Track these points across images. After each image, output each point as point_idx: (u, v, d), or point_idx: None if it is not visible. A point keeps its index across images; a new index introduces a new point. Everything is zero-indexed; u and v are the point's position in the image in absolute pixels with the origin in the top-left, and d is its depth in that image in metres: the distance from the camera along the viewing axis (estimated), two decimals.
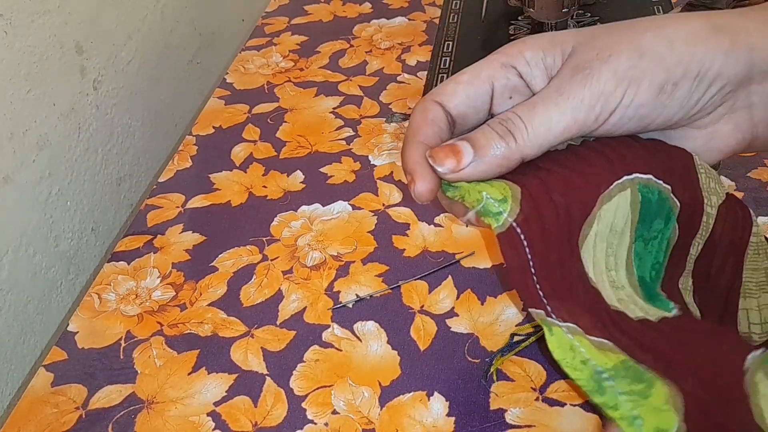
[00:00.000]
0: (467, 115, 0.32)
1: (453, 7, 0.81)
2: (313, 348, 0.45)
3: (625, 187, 0.30)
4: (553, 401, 0.40)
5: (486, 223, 0.28)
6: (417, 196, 0.30)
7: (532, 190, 0.29)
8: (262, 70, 0.73)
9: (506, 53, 0.32)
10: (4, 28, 0.53)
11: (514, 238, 0.28)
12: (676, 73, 0.29)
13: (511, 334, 0.44)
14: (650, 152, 0.31)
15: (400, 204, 0.55)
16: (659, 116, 0.30)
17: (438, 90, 0.32)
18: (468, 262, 0.50)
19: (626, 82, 0.29)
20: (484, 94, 0.32)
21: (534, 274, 0.27)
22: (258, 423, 0.41)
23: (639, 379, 0.26)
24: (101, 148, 0.66)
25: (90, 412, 0.43)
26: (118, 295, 0.50)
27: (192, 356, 0.45)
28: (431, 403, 0.41)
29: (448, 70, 0.69)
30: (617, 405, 0.26)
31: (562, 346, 0.26)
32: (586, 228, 0.29)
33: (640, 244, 0.31)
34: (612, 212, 0.30)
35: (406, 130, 0.32)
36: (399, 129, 0.63)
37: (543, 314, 0.27)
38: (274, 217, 0.55)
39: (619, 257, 0.31)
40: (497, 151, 0.29)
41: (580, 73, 0.29)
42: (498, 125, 0.30)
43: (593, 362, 0.26)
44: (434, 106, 0.31)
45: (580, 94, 0.29)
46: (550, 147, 0.30)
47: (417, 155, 0.30)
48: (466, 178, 0.29)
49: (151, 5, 0.73)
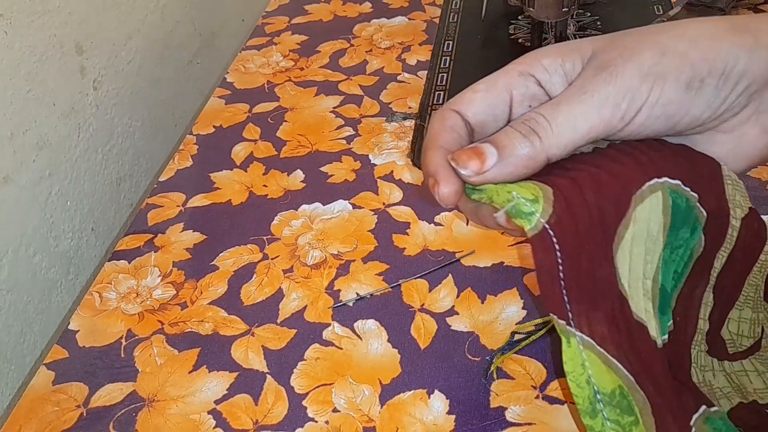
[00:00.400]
0: (486, 123, 0.31)
1: (453, 6, 0.81)
2: (313, 346, 0.45)
3: (657, 189, 0.29)
4: (553, 399, 0.40)
5: (518, 224, 0.27)
6: (442, 199, 0.29)
7: (563, 190, 0.28)
8: (263, 69, 0.74)
9: (523, 62, 0.31)
10: (4, 28, 0.54)
11: (546, 240, 0.27)
12: (702, 69, 0.28)
13: (512, 332, 0.44)
14: (679, 158, 0.31)
15: (401, 203, 0.55)
16: (686, 115, 0.29)
17: (455, 99, 0.31)
18: (468, 260, 0.50)
19: (651, 78, 0.28)
20: (502, 102, 0.31)
21: (562, 279, 0.27)
22: (259, 421, 0.41)
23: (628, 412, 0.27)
24: (101, 148, 0.66)
25: (91, 410, 0.43)
26: (119, 294, 0.50)
27: (193, 354, 0.46)
28: (432, 401, 0.41)
29: (448, 69, 0.69)
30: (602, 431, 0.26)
31: (574, 360, 0.26)
32: (622, 230, 0.28)
33: (668, 251, 0.31)
34: (646, 214, 0.29)
35: (426, 138, 0.31)
36: (399, 128, 0.63)
37: (564, 324, 0.26)
38: (275, 216, 0.55)
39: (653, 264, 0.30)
40: (521, 150, 0.28)
41: (603, 71, 0.28)
42: (521, 125, 0.29)
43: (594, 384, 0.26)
44: (452, 114, 0.31)
45: (605, 92, 0.28)
46: (576, 148, 0.29)
47: (439, 158, 0.30)
48: (491, 181, 0.29)
49: (151, 5, 0.73)
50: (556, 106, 0.29)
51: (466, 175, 0.29)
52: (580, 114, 0.28)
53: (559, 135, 0.28)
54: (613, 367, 0.27)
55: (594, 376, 0.26)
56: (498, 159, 0.28)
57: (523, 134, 0.29)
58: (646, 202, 0.29)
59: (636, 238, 0.29)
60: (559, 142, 0.28)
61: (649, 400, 0.27)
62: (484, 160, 0.28)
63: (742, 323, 0.35)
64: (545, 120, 0.28)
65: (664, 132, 0.30)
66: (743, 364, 0.34)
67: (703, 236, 0.31)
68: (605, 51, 0.29)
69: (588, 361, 0.26)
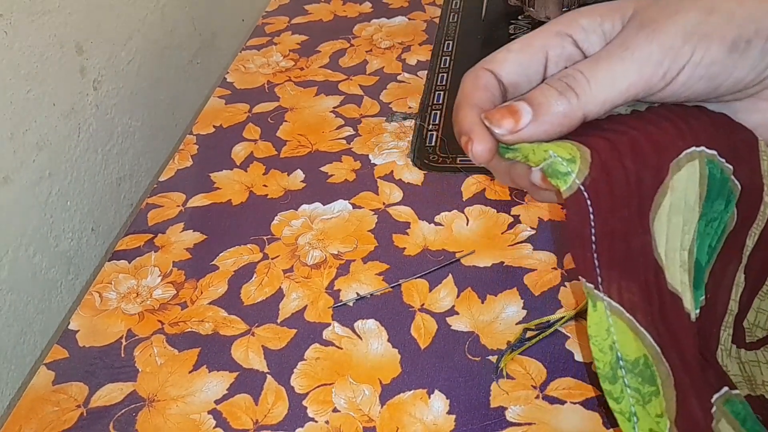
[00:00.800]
0: (519, 84, 0.30)
1: (453, 6, 0.81)
2: (313, 346, 0.45)
3: (694, 158, 0.28)
4: (553, 399, 0.40)
5: (553, 184, 0.27)
6: (475, 157, 0.29)
7: (601, 152, 0.27)
8: (263, 69, 0.74)
9: (560, 22, 0.30)
10: (4, 28, 0.54)
11: (581, 201, 0.26)
12: (749, 29, 0.27)
13: (524, 328, 0.44)
14: (717, 128, 0.30)
15: (401, 203, 0.55)
16: (729, 77, 0.28)
17: (489, 58, 0.30)
18: (468, 260, 0.50)
19: (695, 37, 0.27)
20: (537, 63, 0.30)
21: (594, 242, 0.26)
22: (259, 421, 0.41)
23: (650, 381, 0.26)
24: (101, 148, 0.66)
25: (91, 410, 0.43)
26: (119, 294, 0.50)
27: (193, 354, 0.45)
28: (432, 400, 0.41)
29: (448, 69, 0.69)
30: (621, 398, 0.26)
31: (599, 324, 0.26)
32: (659, 197, 0.28)
33: (702, 223, 0.30)
34: (683, 183, 0.28)
35: (457, 96, 0.30)
36: (399, 128, 0.63)
37: (592, 288, 0.26)
38: (275, 215, 0.55)
39: (690, 235, 0.29)
40: (557, 108, 0.27)
41: (646, 28, 0.27)
42: (557, 82, 0.28)
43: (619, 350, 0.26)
44: (485, 74, 0.30)
45: (647, 49, 0.27)
46: (613, 106, 0.28)
47: (473, 116, 0.29)
48: (526, 140, 0.28)
49: (151, 5, 0.73)
50: (596, 63, 0.28)
51: (500, 134, 0.28)
52: (620, 71, 0.27)
53: (598, 92, 0.27)
54: (640, 336, 0.26)
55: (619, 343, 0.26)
56: (533, 117, 0.27)
57: (559, 91, 0.28)
58: (683, 171, 0.28)
59: (674, 207, 0.28)
60: (596, 99, 0.27)
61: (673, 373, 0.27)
62: (518, 119, 0.28)
63: (760, 314, 0.34)
64: (583, 76, 0.28)
65: (705, 95, 0.29)
66: (757, 355, 0.34)
67: (736, 210, 0.31)
68: (649, 9, 0.28)
69: (614, 326, 0.26)
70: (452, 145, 0.60)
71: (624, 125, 0.28)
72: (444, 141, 0.60)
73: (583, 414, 0.40)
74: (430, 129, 0.62)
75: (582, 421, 0.39)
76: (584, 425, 0.39)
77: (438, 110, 0.64)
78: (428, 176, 0.57)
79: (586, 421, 0.39)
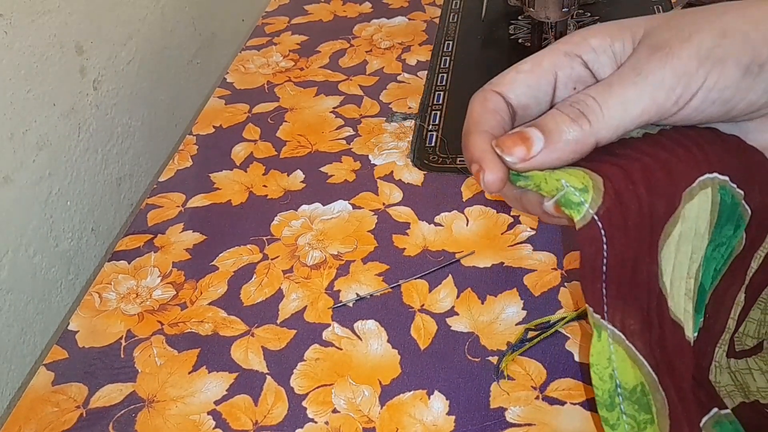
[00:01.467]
0: (528, 106, 0.30)
1: (453, 6, 0.81)
2: (313, 347, 0.45)
3: (707, 186, 0.28)
4: (553, 400, 0.40)
5: (567, 214, 0.26)
6: (487, 186, 0.28)
7: (614, 181, 0.27)
8: (263, 69, 0.74)
9: (570, 41, 0.30)
10: (4, 28, 0.54)
11: (595, 232, 0.26)
12: (763, 53, 0.26)
13: (526, 329, 0.44)
14: (729, 151, 0.29)
15: (401, 203, 0.55)
16: (742, 100, 0.27)
17: (497, 80, 0.30)
18: (468, 261, 0.50)
19: (709, 62, 0.26)
20: (546, 84, 0.29)
21: (604, 273, 0.26)
22: (258, 422, 0.41)
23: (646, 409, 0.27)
24: (101, 148, 0.66)
25: (90, 410, 0.43)
26: (119, 294, 0.50)
27: (192, 355, 0.45)
28: (431, 401, 0.41)
29: (448, 69, 0.69)
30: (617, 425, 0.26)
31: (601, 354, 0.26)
32: (670, 227, 0.27)
33: (710, 248, 0.30)
34: (695, 212, 0.28)
35: (466, 120, 0.30)
36: (399, 128, 0.63)
37: (599, 318, 0.26)
38: (275, 216, 0.55)
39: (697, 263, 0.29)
40: (569, 135, 0.27)
41: (658, 52, 0.27)
42: (569, 108, 0.27)
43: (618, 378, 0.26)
44: (494, 96, 0.29)
45: (660, 74, 0.27)
46: (626, 131, 0.28)
47: (483, 143, 0.28)
48: (538, 167, 0.27)
49: (151, 5, 0.73)
50: (608, 88, 0.27)
51: (511, 162, 0.27)
52: (633, 97, 0.27)
53: (610, 118, 0.27)
54: (638, 363, 0.27)
55: (618, 370, 0.26)
56: (545, 144, 0.27)
57: (571, 118, 0.27)
58: (695, 200, 0.28)
59: (683, 236, 0.28)
60: (609, 125, 0.27)
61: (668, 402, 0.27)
62: (530, 146, 0.27)
63: (749, 323, 0.34)
64: (595, 102, 0.27)
65: (717, 118, 0.28)
66: (748, 362, 0.34)
67: (745, 234, 0.31)
68: (660, 30, 0.28)
69: (615, 355, 0.26)
70: (452, 146, 0.60)
71: (637, 151, 0.28)
72: (444, 141, 0.60)
73: (582, 415, 0.40)
74: (430, 129, 0.62)
75: (582, 422, 0.39)
76: (584, 426, 0.39)
77: (438, 110, 0.64)
78: (428, 177, 0.57)
79: (586, 422, 0.39)
